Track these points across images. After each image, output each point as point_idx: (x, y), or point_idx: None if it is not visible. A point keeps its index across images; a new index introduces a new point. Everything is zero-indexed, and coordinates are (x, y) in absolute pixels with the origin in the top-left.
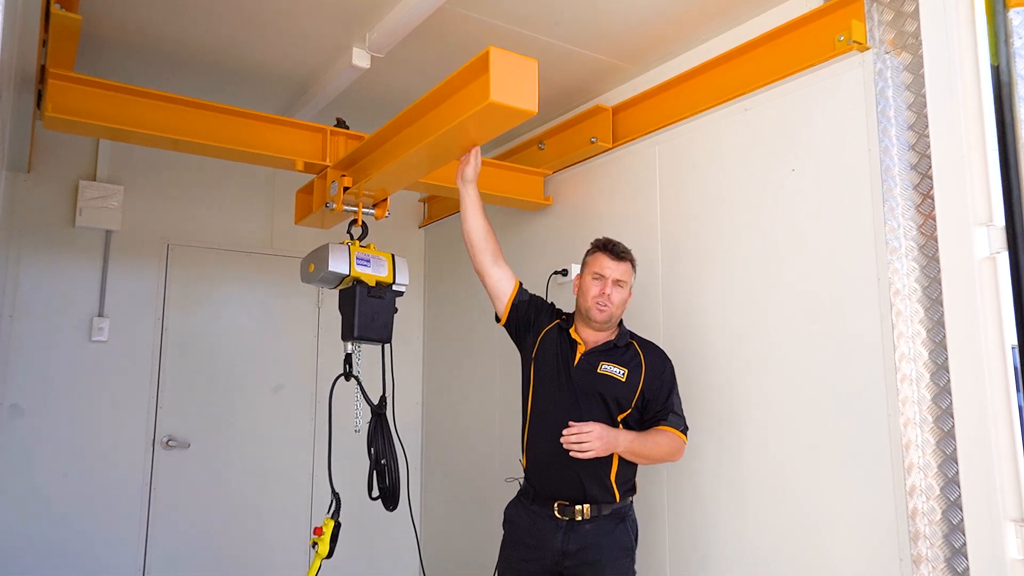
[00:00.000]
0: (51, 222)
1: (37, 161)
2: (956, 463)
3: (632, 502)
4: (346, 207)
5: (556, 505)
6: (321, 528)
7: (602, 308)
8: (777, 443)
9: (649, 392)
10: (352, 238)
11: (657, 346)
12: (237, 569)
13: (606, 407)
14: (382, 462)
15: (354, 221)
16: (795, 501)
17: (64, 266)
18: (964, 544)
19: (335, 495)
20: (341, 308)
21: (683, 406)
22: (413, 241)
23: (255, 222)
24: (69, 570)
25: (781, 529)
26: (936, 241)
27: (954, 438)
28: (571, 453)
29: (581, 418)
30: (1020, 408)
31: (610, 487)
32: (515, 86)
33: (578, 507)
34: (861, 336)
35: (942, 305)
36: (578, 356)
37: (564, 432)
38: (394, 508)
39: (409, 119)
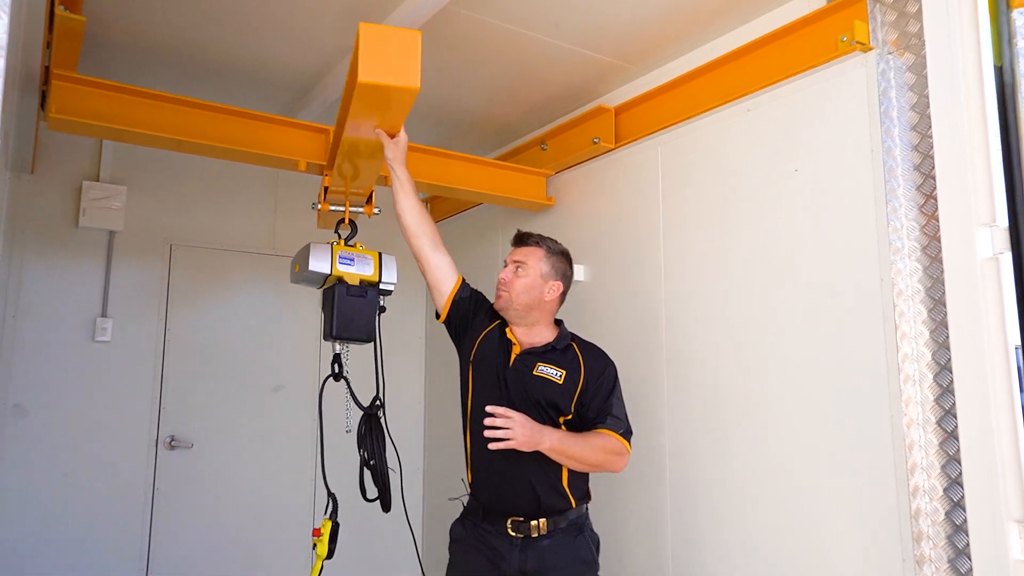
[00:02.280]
0: (54, 222)
1: (40, 162)
2: (959, 464)
3: (587, 510)
4: (333, 207)
5: (510, 522)
6: (319, 529)
7: (500, 293)
8: (779, 443)
9: (586, 395)
10: (340, 238)
11: (599, 348)
12: (240, 569)
13: (543, 411)
14: (371, 463)
15: (341, 220)
16: (797, 501)
17: (67, 266)
18: (967, 545)
19: (331, 496)
20: (323, 308)
21: (682, 410)
22: None
23: (258, 222)
24: (72, 570)
25: (783, 529)
26: (939, 242)
27: (957, 439)
28: (489, 445)
29: None
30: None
31: (564, 492)
32: (391, 63)
33: (533, 523)
34: (864, 336)
35: (945, 306)
36: (512, 357)
37: (487, 410)
38: (387, 510)
39: (342, 111)
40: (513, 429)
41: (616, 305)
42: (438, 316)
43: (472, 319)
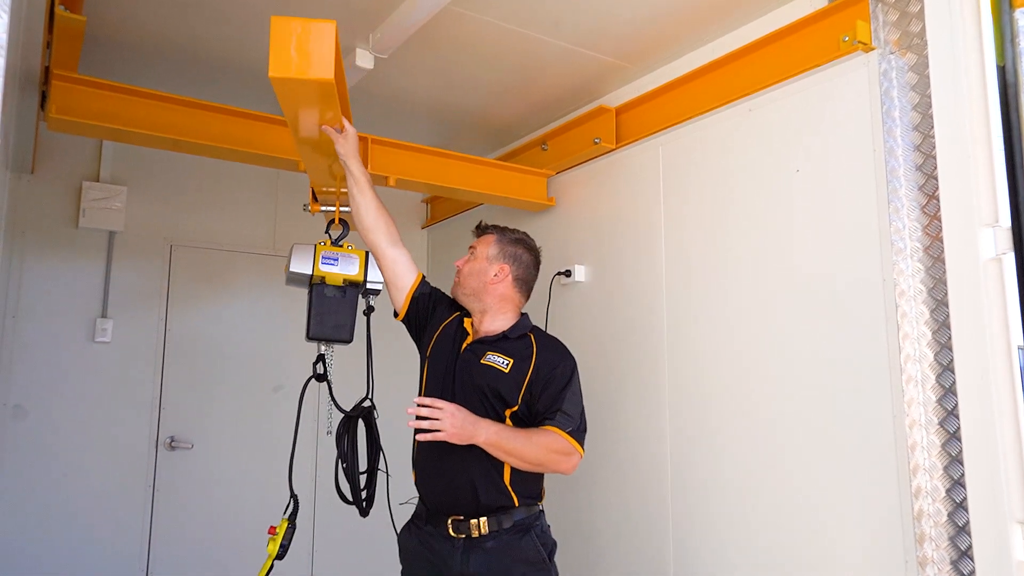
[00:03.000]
0: (54, 223)
1: (40, 162)
2: (962, 465)
3: (540, 511)
4: (323, 207)
5: (450, 522)
6: (275, 528)
7: (454, 281)
8: (781, 444)
9: (536, 387)
10: (331, 238)
11: (559, 342)
12: (240, 569)
13: (487, 401)
14: (343, 465)
15: (332, 220)
16: (799, 503)
17: (67, 267)
18: (970, 546)
19: (293, 497)
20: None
21: (689, 413)
22: (416, 242)
23: (258, 223)
24: (72, 571)
25: (784, 530)
26: (941, 242)
27: (959, 440)
28: (417, 436)
29: None
30: None
31: (506, 490)
32: (302, 56)
33: (473, 521)
34: (866, 337)
35: (947, 306)
36: (464, 346)
37: (414, 402)
38: (364, 515)
39: None
40: (442, 420)
41: (617, 305)
42: (396, 314)
43: (431, 315)
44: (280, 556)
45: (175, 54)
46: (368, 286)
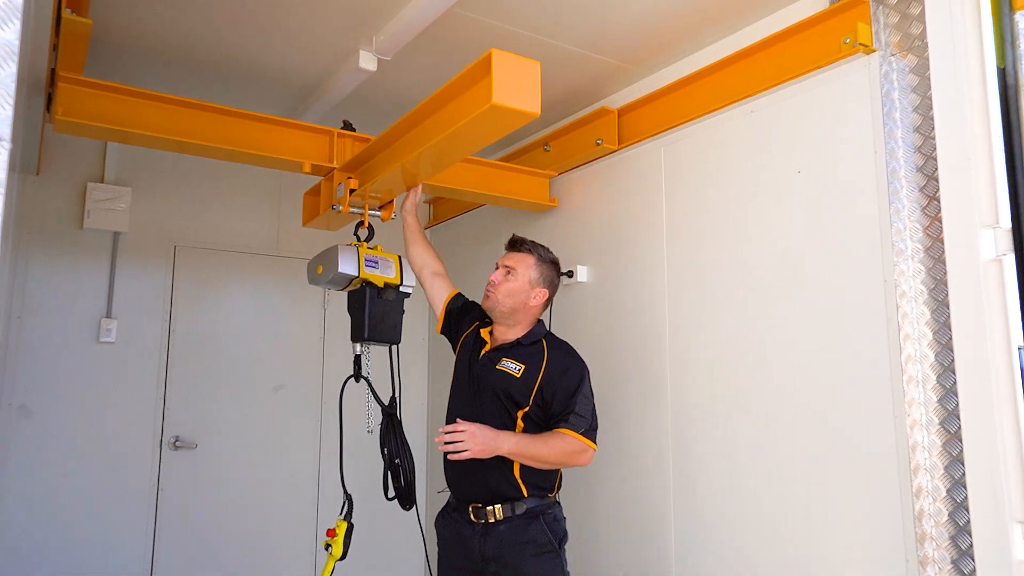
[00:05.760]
0: (59, 224)
1: (46, 163)
2: (962, 465)
3: (554, 501)
4: (352, 209)
5: (471, 508)
6: (334, 530)
7: (487, 293)
8: (783, 444)
9: (548, 390)
10: (359, 240)
11: (568, 346)
12: (244, 569)
13: (502, 404)
14: (396, 462)
15: (361, 223)
16: (800, 502)
17: (72, 267)
18: (971, 546)
19: (347, 496)
20: (350, 310)
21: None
22: None
23: (262, 224)
24: (76, 570)
25: (786, 530)
26: (942, 243)
27: (960, 440)
28: (448, 457)
29: (479, 417)
30: None
31: (515, 482)
32: (517, 88)
33: (490, 508)
34: (867, 338)
35: (948, 307)
36: (481, 353)
37: (440, 430)
38: (410, 507)
39: (414, 122)
40: (466, 441)
41: (619, 306)
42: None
43: (459, 326)
44: (342, 557)
45: (180, 57)
46: (401, 289)
